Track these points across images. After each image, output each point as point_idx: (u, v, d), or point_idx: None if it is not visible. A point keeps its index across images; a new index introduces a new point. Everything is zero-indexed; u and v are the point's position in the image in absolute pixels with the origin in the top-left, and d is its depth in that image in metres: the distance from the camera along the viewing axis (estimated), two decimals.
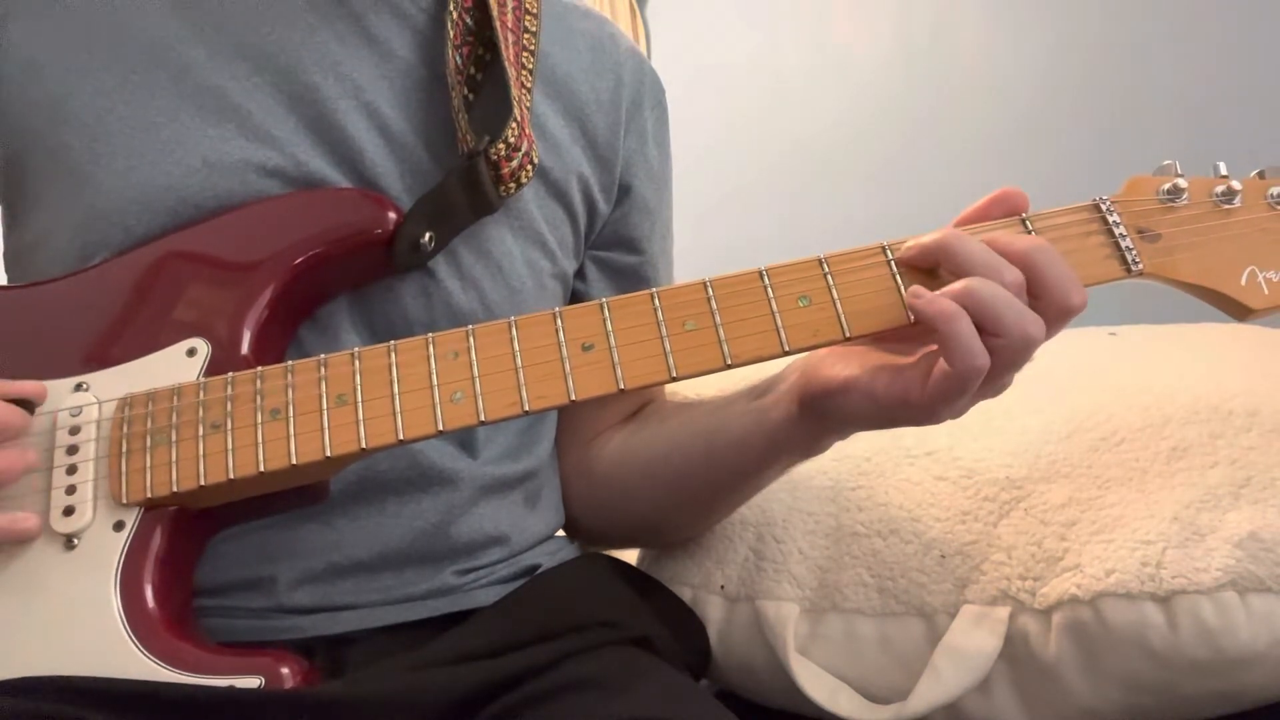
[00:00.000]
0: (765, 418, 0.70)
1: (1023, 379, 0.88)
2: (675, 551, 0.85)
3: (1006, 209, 0.62)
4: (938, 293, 0.58)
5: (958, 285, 0.57)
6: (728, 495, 0.79)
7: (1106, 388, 0.83)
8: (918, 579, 0.75)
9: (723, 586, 0.80)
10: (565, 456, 0.84)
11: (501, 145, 0.69)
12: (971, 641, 0.71)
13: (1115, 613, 0.66)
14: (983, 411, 0.82)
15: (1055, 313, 0.59)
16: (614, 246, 0.83)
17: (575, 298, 0.82)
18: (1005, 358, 0.58)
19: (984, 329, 0.57)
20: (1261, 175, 0.65)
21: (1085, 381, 0.85)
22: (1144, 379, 0.83)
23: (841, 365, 0.64)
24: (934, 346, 0.60)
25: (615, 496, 0.82)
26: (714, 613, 0.80)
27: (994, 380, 0.59)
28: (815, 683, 0.75)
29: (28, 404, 0.62)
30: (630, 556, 0.89)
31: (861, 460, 0.83)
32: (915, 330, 0.60)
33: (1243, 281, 0.62)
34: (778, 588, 0.78)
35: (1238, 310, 0.63)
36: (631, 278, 0.84)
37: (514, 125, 0.70)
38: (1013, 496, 0.75)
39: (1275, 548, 0.66)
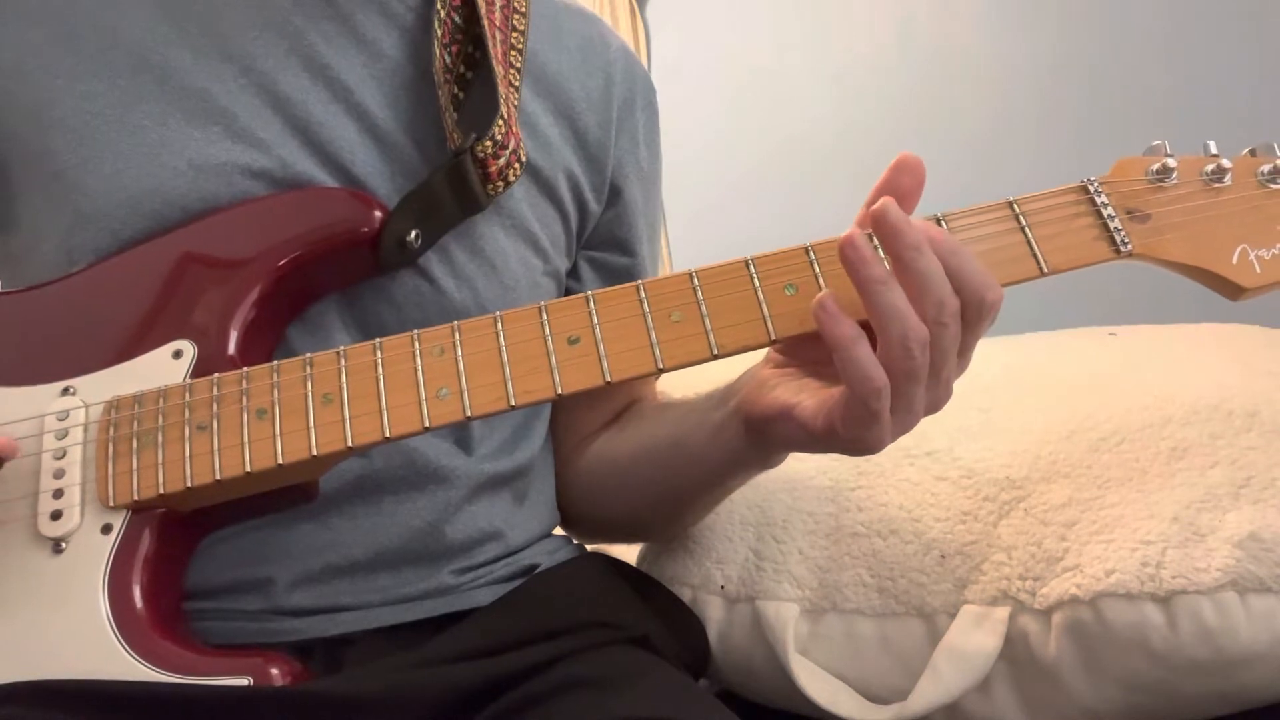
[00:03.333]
0: (720, 435, 0.69)
1: (1023, 379, 0.88)
2: (675, 551, 0.85)
3: (911, 179, 0.60)
4: (841, 315, 0.55)
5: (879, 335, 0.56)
6: (694, 501, 0.79)
7: (1106, 388, 0.83)
8: (918, 579, 0.75)
9: (723, 586, 0.80)
10: (557, 455, 0.84)
11: (488, 143, 0.69)
12: (971, 641, 0.71)
13: (1115, 613, 0.66)
14: (983, 411, 0.83)
15: (972, 312, 0.57)
16: (607, 248, 0.83)
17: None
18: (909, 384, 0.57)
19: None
20: (1253, 153, 0.64)
21: (1085, 381, 0.85)
22: (1144, 379, 0.83)
23: (781, 390, 0.63)
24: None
25: (597, 495, 0.82)
26: (714, 613, 0.80)
27: (904, 409, 0.57)
28: (815, 683, 0.75)
29: None
30: (630, 556, 0.89)
31: (861, 460, 0.82)
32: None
33: (1234, 260, 0.61)
34: (778, 588, 0.78)
35: (1230, 289, 0.62)
36: (625, 278, 0.83)
37: (500, 123, 0.70)
38: (1013, 496, 0.75)
39: (1275, 548, 0.66)
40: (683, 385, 0.83)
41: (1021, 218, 0.61)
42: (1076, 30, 1.94)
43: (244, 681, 0.58)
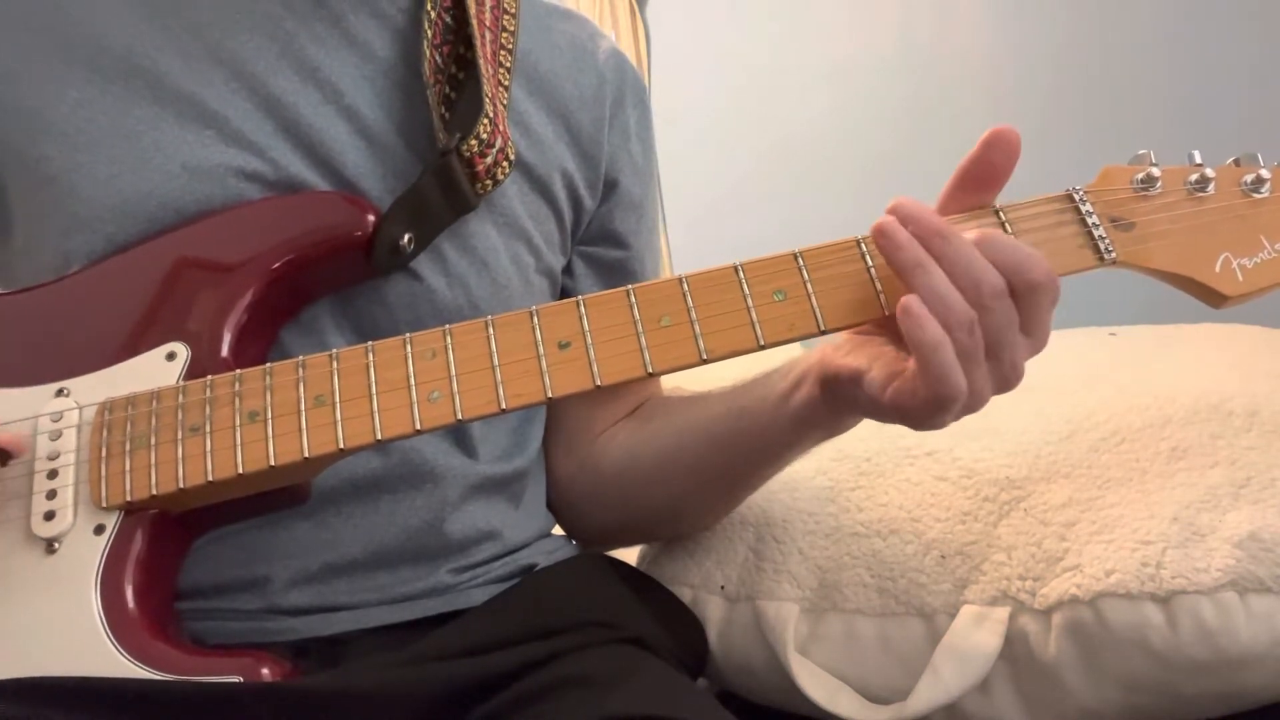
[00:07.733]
0: (789, 399, 0.69)
1: (1023, 379, 0.88)
2: (675, 551, 0.85)
3: (1004, 156, 0.60)
4: (928, 317, 0.56)
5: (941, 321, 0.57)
6: (749, 477, 0.79)
7: (1106, 388, 0.83)
8: (918, 579, 0.75)
9: (723, 586, 0.80)
10: (569, 456, 0.83)
11: (474, 142, 0.69)
12: (971, 641, 0.71)
13: (1115, 613, 0.66)
14: (983, 411, 0.83)
15: (1021, 291, 0.57)
16: (600, 241, 0.83)
17: (564, 294, 0.82)
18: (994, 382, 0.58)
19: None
20: (1236, 163, 0.64)
21: (1085, 381, 0.85)
22: (1144, 379, 0.83)
23: (856, 354, 0.63)
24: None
25: (629, 488, 0.81)
26: (714, 613, 0.80)
27: (975, 401, 0.59)
28: (815, 683, 0.75)
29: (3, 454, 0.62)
30: (630, 556, 0.89)
31: (861, 460, 0.83)
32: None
33: (1217, 269, 0.61)
34: (778, 588, 0.78)
35: (1212, 298, 0.62)
36: (618, 272, 0.83)
37: (485, 122, 0.70)
38: (1013, 496, 0.75)
39: (1275, 548, 0.66)
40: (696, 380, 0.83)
41: (1007, 225, 0.61)
42: (1075, 32, 1.94)
43: (235, 680, 0.58)
